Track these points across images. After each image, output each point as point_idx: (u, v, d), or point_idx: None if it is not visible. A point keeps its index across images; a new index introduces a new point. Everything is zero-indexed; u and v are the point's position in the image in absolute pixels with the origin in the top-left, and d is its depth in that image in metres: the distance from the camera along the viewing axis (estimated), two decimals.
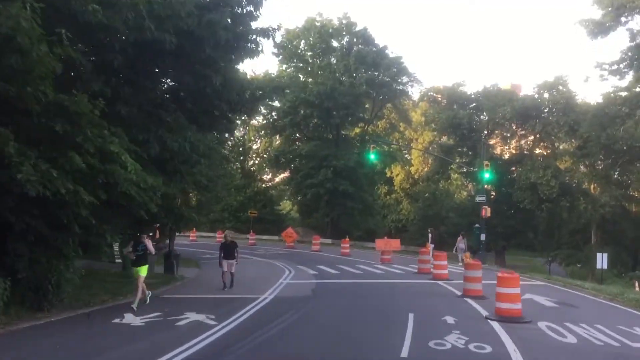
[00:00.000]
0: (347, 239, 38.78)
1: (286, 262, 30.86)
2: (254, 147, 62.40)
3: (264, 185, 65.04)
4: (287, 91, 48.28)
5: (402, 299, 17.20)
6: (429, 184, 57.33)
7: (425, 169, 57.54)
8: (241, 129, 71.09)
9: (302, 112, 48.89)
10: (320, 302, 16.71)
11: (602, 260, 29.30)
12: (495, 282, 13.92)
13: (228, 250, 19.74)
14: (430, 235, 35.36)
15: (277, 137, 56.94)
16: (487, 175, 32.83)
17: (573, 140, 44.60)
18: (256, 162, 54.61)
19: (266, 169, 58.55)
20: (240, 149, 72.72)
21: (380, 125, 61.74)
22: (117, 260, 24.11)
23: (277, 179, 65.95)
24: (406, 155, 69.11)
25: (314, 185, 49.45)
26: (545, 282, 23.14)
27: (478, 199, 33.77)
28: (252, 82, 23.21)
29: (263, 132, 57.18)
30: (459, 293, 17.91)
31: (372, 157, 34.71)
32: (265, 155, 58.91)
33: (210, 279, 22.40)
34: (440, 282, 21.35)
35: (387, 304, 16.49)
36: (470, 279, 17.40)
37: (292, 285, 20.49)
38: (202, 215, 31.30)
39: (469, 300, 16.45)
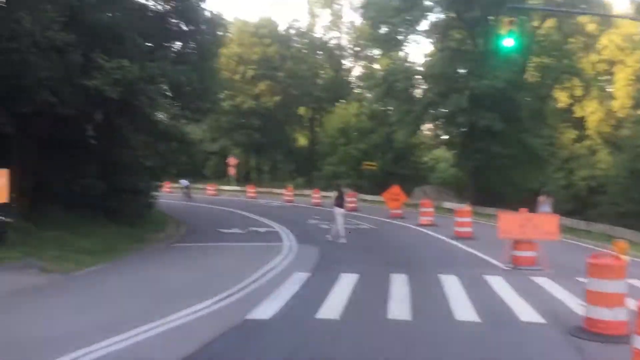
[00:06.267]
0: (465, 209, 21.35)
1: (311, 254, 15.24)
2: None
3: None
4: None
5: None
6: None
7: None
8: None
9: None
10: None
11: None
12: None
13: None
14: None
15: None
16: None
17: None
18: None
19: (376, 99, 41.56)
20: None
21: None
22: None
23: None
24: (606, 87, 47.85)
25: (437, 119, 31.87)
26: None
27: None
28: None
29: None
30: None
31: (509, 41, 16.75)
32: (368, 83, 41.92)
33: None
34: None
35: None
36: None
37: None
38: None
39: None
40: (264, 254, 15.22)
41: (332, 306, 9.21)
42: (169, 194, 44.80)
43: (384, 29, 35.99)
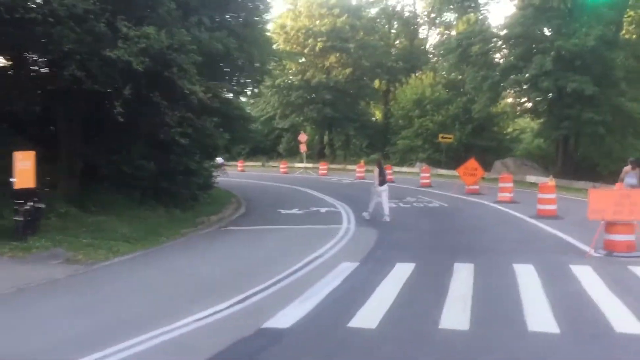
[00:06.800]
0: (549, 184, 18.62)
1: (367, 239, 13.57)
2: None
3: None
4: None
5: None
6: None
7: None
8: None
9: None
10: None
11: None
12: None
13: None
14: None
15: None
16: None
17: None
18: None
19: (450, 66, 38.57)
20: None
21: None
22: None
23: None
24: None
25: (518, 83, 28.88)
26: None
27: None
28: None
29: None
30: None
31: None
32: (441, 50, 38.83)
33: None
34: None
35: None
36: None
37: None
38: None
39: None
40: (316, 239, 13.70)
41: (373, 310, 7.55)
42: (242, 172, 44.55)
43: None
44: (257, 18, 17.04)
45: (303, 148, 46.72)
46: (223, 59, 14.38)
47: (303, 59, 50.69)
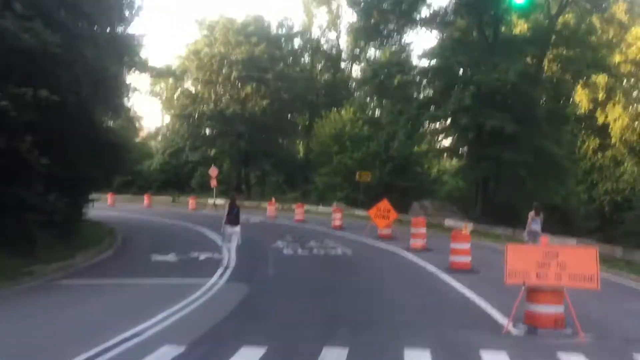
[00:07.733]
0: (463, 233, 16.07)
1: (225, 303, 10.23)
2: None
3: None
4: None
5: None
6: None
7: None
8: None
9: None
10: None
11: None
12: None
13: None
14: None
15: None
16: None
17: None
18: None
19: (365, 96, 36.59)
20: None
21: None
22: None
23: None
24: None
25: (437, 119, 26.88)
26: None
27: None
28: None
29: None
30: None
31: None
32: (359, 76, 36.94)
33: None
34: None
35: None
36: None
37: None
38: None
39: None
40: (160, 301, 10.28)
41: None
42: (147, 208, 40.70)
43: (375, 19, 31.07)
44: (111, 16, 13.50)
45: (214, 183, 43.20)
46: (44, 59, 10.78)
47: (220, 89, 47.64)
